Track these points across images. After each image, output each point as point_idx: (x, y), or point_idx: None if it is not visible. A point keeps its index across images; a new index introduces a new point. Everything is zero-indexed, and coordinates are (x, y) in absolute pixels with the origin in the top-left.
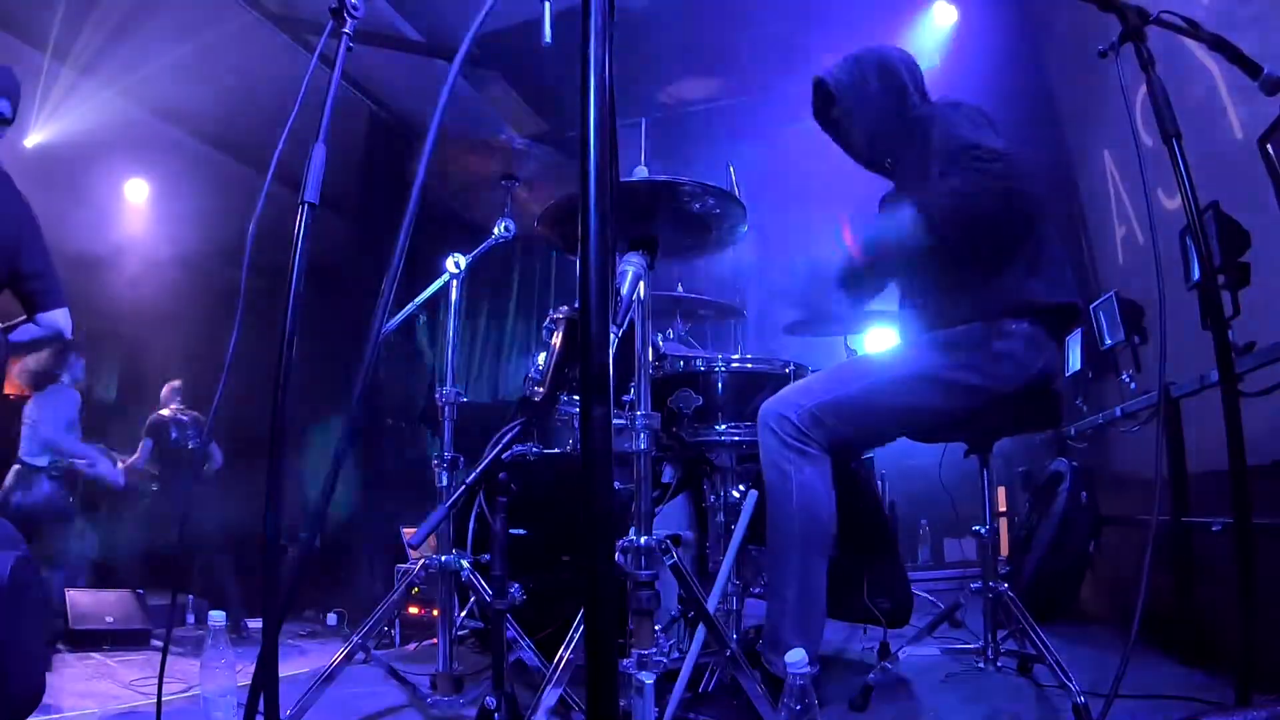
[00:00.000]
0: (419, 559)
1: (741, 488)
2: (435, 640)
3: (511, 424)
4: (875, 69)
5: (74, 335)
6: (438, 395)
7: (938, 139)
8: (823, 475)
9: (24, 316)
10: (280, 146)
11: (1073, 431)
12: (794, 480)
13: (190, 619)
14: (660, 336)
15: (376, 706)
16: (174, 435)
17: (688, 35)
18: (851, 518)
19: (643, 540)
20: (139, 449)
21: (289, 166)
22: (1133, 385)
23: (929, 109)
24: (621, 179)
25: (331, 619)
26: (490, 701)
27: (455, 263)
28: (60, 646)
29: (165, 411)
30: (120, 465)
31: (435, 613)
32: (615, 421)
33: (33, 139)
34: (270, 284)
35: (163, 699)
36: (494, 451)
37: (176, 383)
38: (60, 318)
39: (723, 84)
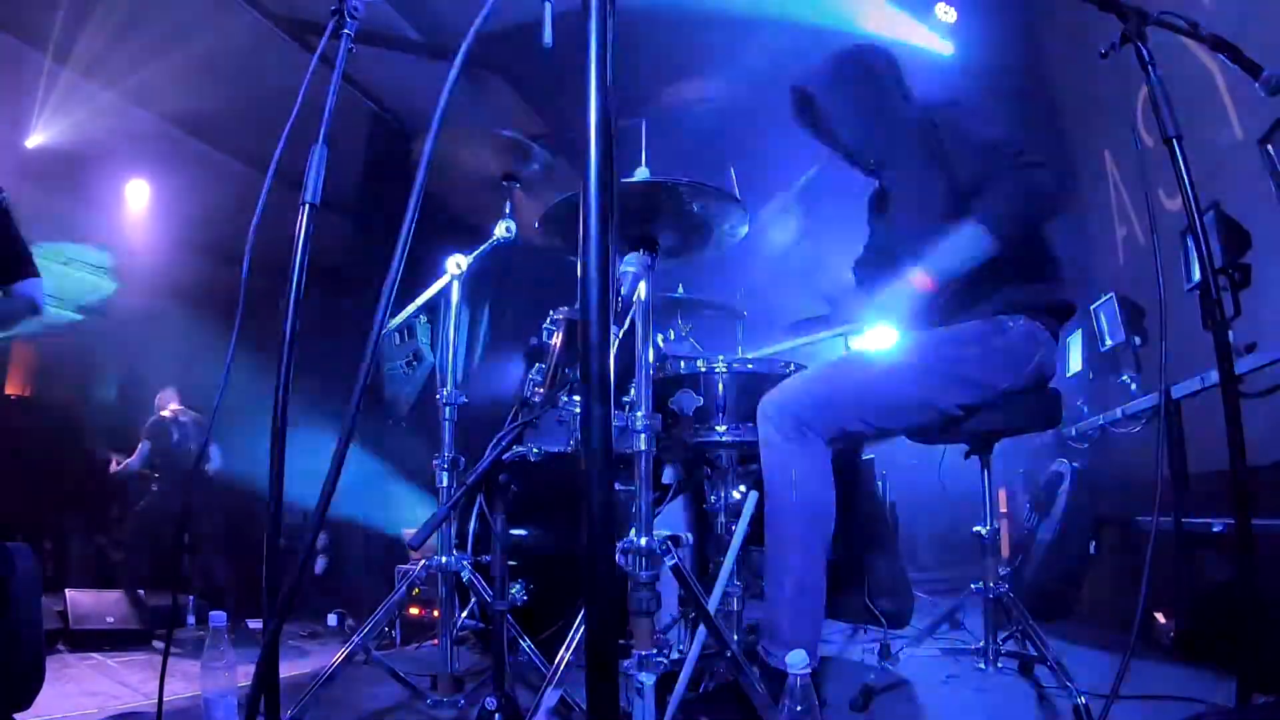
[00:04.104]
0: (419, 559)
1: (742, 489)
2: (436, 641)
3: (512, 424)
4: (853, 68)
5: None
6: (439, 396)
7: (953, 140)
8: (822, 467)
9: None
10: (281, 147)
11: (1073, 432)
12: (792, 471)
13: (190, 619)
14: (661, 337)
15: (377, 707)
16: (175, 436)
17: (688, 35)
18: (851, 518)
19: (643, 541)
20: (136, 451)
21: (290, 167)
22: (1133, 386)
23: (923, 109)
24: (622, 179)
25: (332, 619)
26: (490, 702)
27: (456, 263)
28: (60, 646)
29: (165, 413)
30: (115, 467)
31: (436, 613)
32: (615, 422)
33: (34, 140)
34: (271, 284)
35: (163, 699)
36: (494, 452)
37: (168, 390)
38: (33, 287)
39: (723, 84)
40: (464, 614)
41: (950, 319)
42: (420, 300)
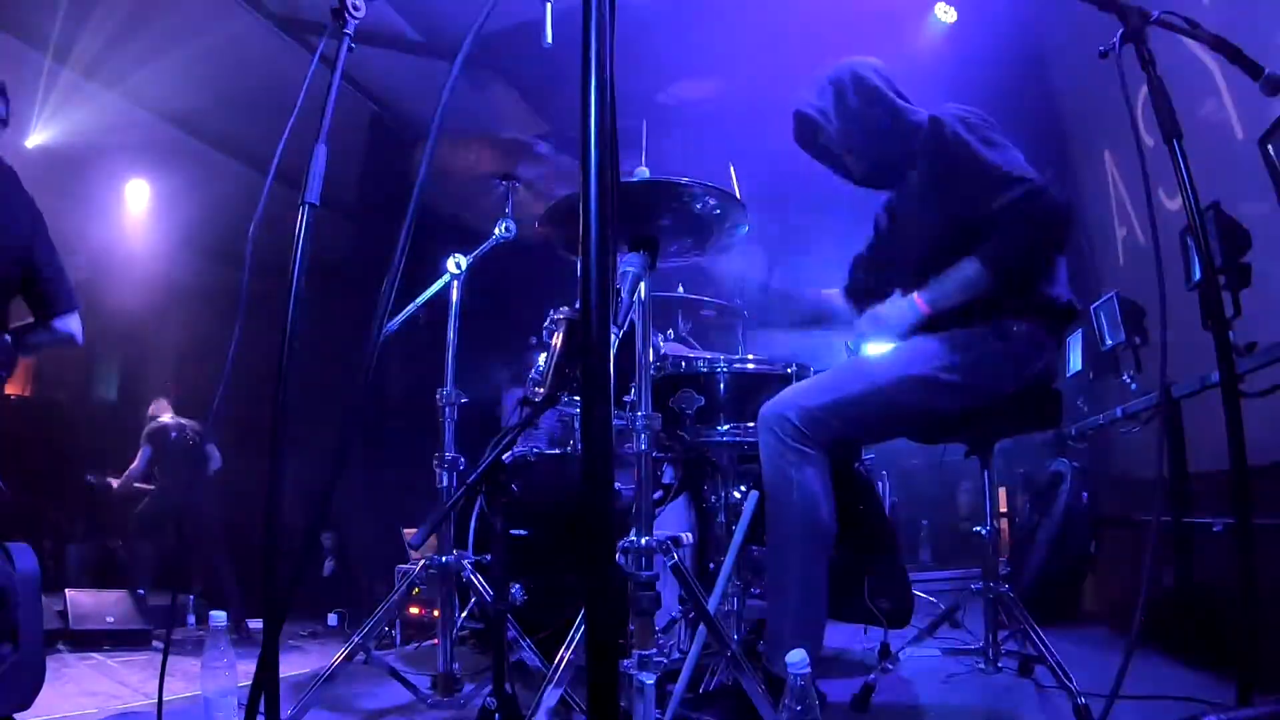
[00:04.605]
0: (419, 559)
1: (742, 488)
2: (436, 640)
3: (512, 424)
4: (851, 86)
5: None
6: (438, 396)
7: (959, 156)
8: (822, 475)
9: (32, 320)
10: (281, 147)
11: (1073, 432)
12: (794, 480)
13: (191, 619)
14: (661, 337)
15: (377, 706)
16: (174, 437)
17: (688, 35)
18: (852, 518)
19: (643, 541)
20: (138, 457)
21: (290, 167)
22: (1133, 386)
23: (927, 117)
24: (622, 179)
25: (332, 619)
26: (490, 702)
27: (456, 263)
28: (60, 646)
29: (165, 418)
30: (117, 484)
31: (436, 613)
32: (615, 422)
33: (34, 140)
34: (271, 284)
35: (163, 699)
36: (494, 452)
37: (161, 401)
38: (74, 323)
39: (723, 84)
40: (464, 614)
41: (953, 323)
42: (420, 300)
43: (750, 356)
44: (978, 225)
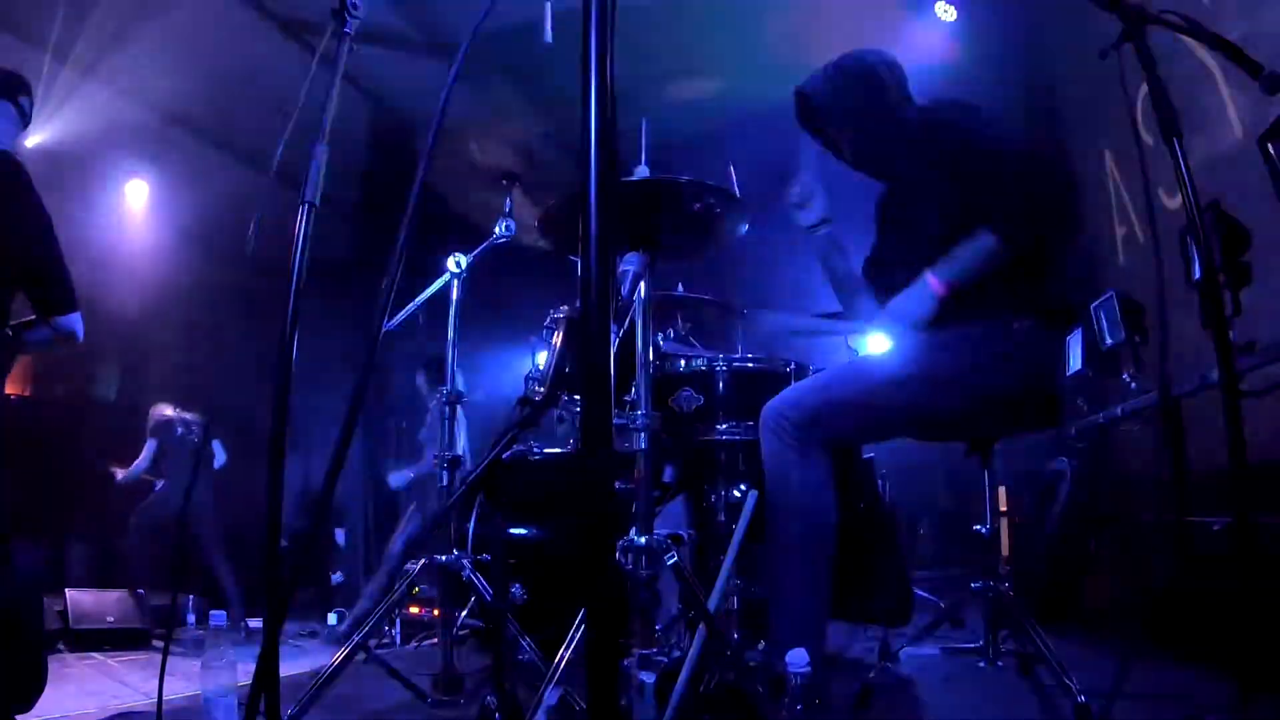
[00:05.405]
0: (420, 559)
1: (742, 487)
2: (436, 640)
3: (512, 423)
4: (856, 75)
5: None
6: (439, 394)
7: (958, 143)
8: (824, 475)
9: (34, 316)
10: (281, 146)
11: (1073, 431)
12: (795, 480)
13: (191, 619)
14: (660, 336)
15: (377, 706)
16: (179, 432)
17: (688, 35)
18: (852, 517)
19: (643, 540)
20: (143, 452)
21: (290, 166)
22: (1133, 385)
23: (925, 111)
24: (622, 179)
25: (332, 619)
26: (490, 701)
27: (456, 262)
28: (60, 646)
29: (169, 411)
30: (121, 476)
31: (436, 613)
32: (615, 421)
33: (33, 139)
34: (271, 284)
35: (163, 699)
36: (494, 451)
37: (162, 404)
38: (75, 322)
39: (723, 84)
40: (464, 613)
41: (954, 321)
42: (420, 299)
43: (749, 355)
44: (982, 203)
